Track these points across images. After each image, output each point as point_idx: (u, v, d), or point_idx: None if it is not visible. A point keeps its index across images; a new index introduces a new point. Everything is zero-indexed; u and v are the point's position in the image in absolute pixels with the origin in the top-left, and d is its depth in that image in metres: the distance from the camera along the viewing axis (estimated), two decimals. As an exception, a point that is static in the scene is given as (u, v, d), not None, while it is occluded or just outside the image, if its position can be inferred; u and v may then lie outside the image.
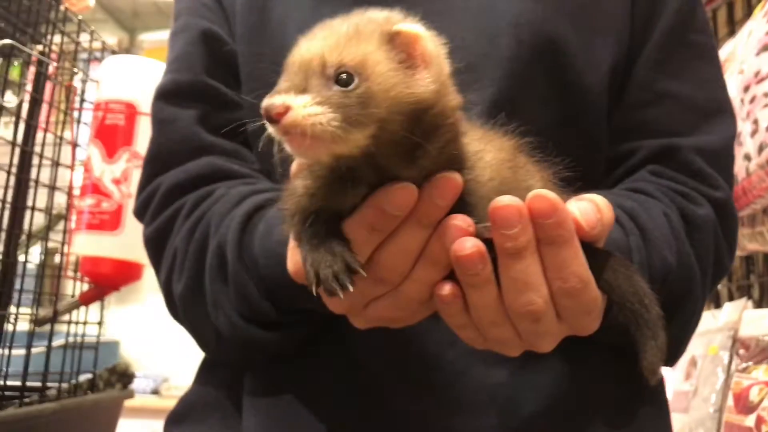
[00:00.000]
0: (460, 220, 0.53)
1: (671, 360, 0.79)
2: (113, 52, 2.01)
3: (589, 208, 0.56)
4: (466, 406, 0.74)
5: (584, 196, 0.58)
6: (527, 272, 0.54)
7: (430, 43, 0.52)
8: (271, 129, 0.48)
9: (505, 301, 0.55)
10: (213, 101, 0.88)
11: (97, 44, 1.94)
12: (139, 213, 0.89)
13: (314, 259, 0.54)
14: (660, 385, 0.84)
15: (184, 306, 0.81)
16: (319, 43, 0.49)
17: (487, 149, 0.57)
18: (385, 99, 0.48)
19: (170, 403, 0.92)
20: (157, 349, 4.13)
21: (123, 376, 1.83)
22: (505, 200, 0.51)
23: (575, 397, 0.76)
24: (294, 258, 0.62)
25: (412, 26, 0.51)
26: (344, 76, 0.47)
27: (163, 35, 4.15)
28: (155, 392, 4.07)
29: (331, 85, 0.47)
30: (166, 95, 0.90)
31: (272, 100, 0.47)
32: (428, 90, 0.50)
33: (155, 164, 0.89)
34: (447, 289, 0.55)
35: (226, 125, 0.83)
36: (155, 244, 0.85)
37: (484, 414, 0.74)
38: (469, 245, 0.52)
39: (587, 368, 0.76)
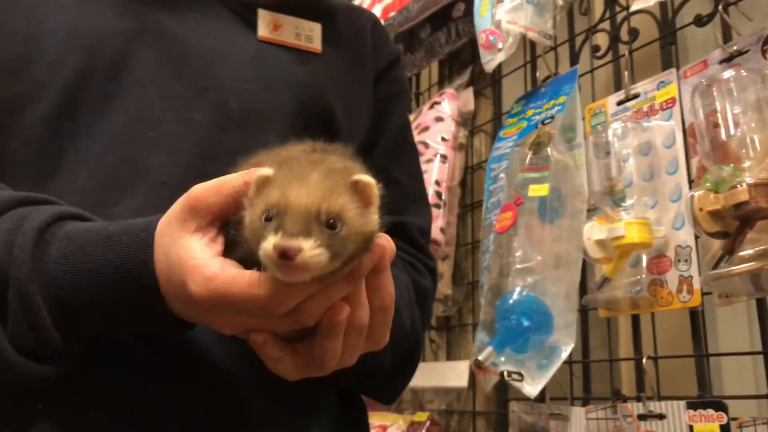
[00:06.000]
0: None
1: (393, 399, 0.93)
2: None
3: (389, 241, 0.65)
4: None
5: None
6: (361, 293, 0.63)
7: (376, 187, 0.60)
8: (269, 254, 0.54)
9: None
10: None
11: None
12: None
13: None
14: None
15: None
16: (311, 194, 0.56)
17: None
18: (356, 237, 0.57)
19: None
20: None
21: None
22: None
23: None
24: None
25: (364, 176, 0.60)
26: (332, 221, 0.55)
27: None
28: None
29: (324, 230, 0.55)
30: None
31: (290, 243, 0.53)
32: (377, 224, 0.60)
33: None
34: (346, 311, 0.61)
35: None
36: None
37: None
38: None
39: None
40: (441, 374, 1.83)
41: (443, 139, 1.85)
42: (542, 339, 1.35)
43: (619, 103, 1.40)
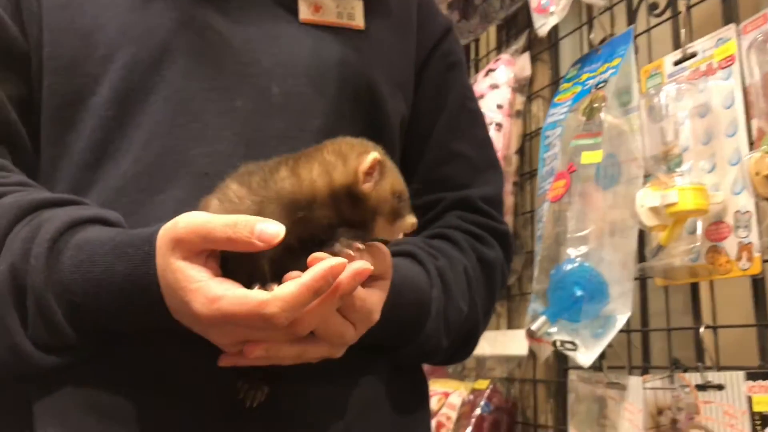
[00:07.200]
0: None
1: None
2: None
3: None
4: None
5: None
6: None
7: None
8: (409, 227, 0.70)
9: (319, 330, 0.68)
10: None
11: None
12: None
13: None
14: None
15: None
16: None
17: None
18: None
19: None
20: None
21: None
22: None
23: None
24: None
25: None
26: None
27: None
28: None
29: None
30: None
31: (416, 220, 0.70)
32: None
33: None
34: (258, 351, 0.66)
35: None
36: None
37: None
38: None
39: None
40: (502, 343, 1.84)
41: (498, 106, 1.83)
42: (596, 308, 1.33)
43: (676, 63, 1.34)
